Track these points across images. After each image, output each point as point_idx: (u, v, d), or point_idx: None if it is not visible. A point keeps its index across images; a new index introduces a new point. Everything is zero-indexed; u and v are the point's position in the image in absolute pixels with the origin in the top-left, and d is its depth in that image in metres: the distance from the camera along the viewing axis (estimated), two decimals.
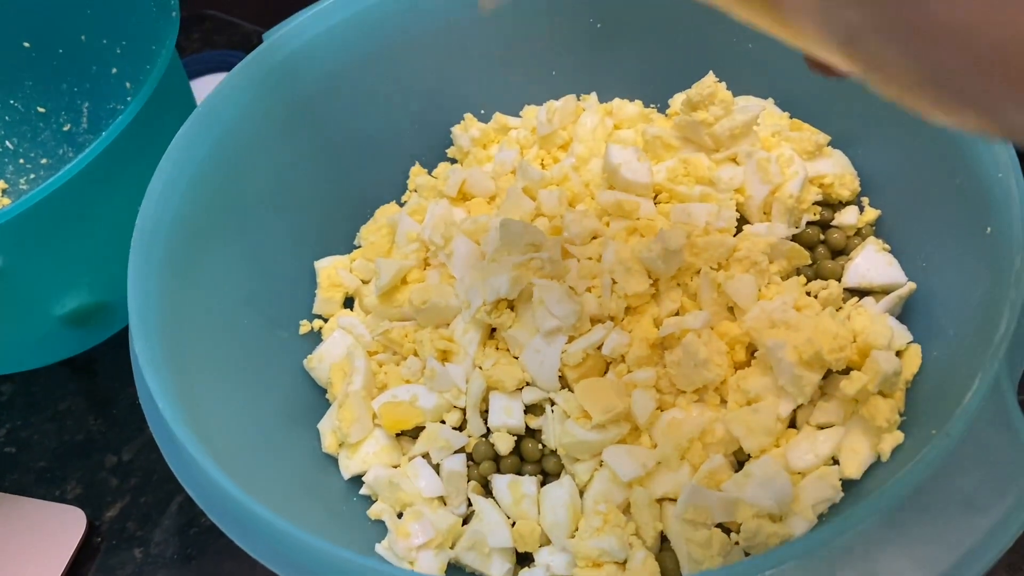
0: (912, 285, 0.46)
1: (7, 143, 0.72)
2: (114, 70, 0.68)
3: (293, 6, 0.54)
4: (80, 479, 0.58)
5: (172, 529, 0.55)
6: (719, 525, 0.41)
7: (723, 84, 0.50)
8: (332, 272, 0.54)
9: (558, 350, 0.45)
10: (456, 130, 0.58)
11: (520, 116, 0.58)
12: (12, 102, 0.71)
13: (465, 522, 0.46)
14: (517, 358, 0.47)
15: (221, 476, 0.35)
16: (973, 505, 0.31)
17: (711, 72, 0.51)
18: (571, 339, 0.46)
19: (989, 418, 0.32)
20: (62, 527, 0.55)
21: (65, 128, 0.72)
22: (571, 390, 0.45)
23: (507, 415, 0.46)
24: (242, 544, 0.34)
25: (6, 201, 0.72)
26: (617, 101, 0.57)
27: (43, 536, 0.55)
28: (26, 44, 0.68)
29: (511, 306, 0.48)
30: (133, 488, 0.58)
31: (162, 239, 0.44)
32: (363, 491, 0.47)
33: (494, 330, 0.49)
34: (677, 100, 0.54)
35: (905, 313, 0.46)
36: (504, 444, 0.46)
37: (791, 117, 0.53)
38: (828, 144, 0.51)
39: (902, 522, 0.31)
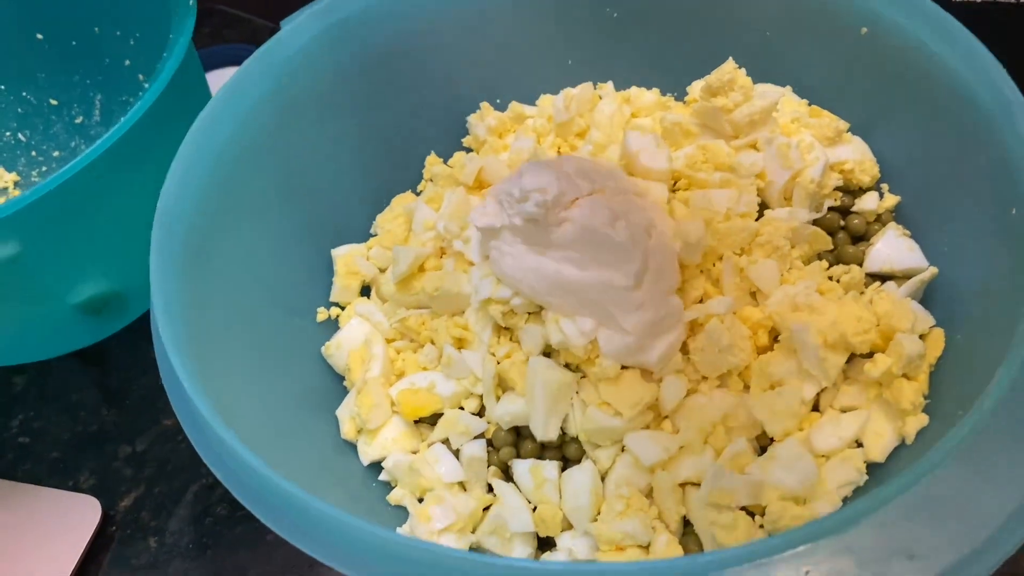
0: (934, 270, 0.45)
1: (19, 135, 0.72)
2: (127, 62, 0.68)
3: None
4: (94, 469, 0.58)
5: (187, 519, 0.55)
6: (743, 508, 0.41)
7: (743, 71, 0.50)
8: (349, 260, 0.54)
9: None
10: (472, 119, 0.58)
11: (536, 105, 0.58)
12: (25, 94, 0.71)
13: (486, 508, 0.45)
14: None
15: (249, 455, 0.35)
16: (1004, 483, 0.31)
17: (731, 58, 0.51)
18: None
19: (1019, 396, 0.32)
20: (77, 516, 0.55)
21: (77, 120, 0.72)
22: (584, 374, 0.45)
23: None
24: (269, 523, 0.34)
25: (18, 193, 0.72)
26: (634, 89, 0.57)
27: (58, 525, 0.55)
28: (39, 36, 0.68)
29: None
30: (147, 478, 0.57)
31: (182, 225, 0.44)
32: (382, 477, 0.47)
33: None
34: (695, 87, 0.54)
35: (927, 297, 0.46)
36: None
37: (809, 104, 0.53)
38: (847, 131, 0.51)
39: (934, 499, 0.30)
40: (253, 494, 0.35)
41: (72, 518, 0.55)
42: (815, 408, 0.44)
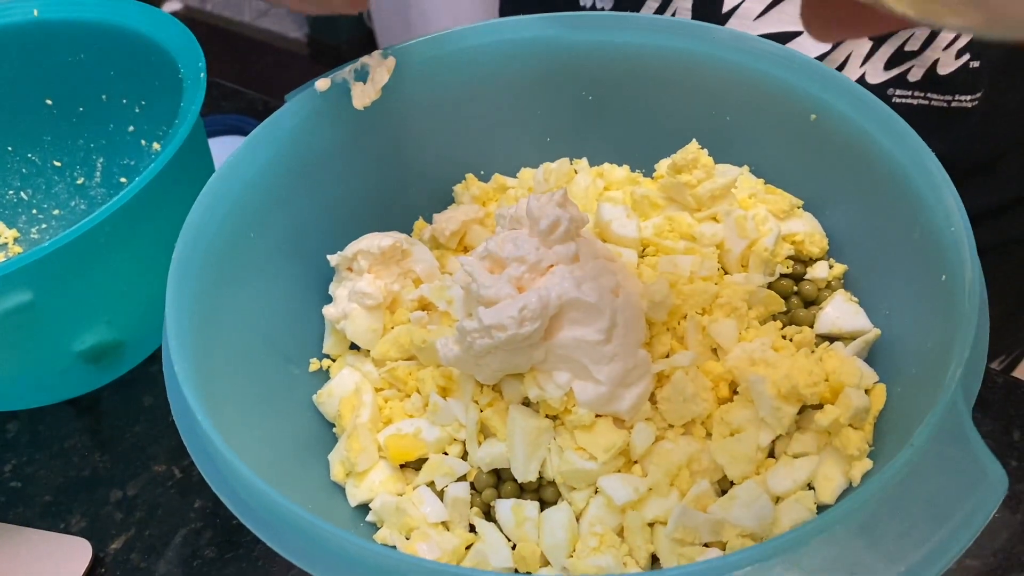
0: (877, 331, 0.50)
1: (22, 194, 0.75)
2: (131, 128, 0.72)
3: (295, 78, 0.59)
4: (85, 512, 0.60)
5: (176, 561, 0.57)
6: (706, 544, 0.45)
7: (705, 151, 0.56)
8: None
9: None
10: (458, 188, 0.63)
11: (517, 177, 0.63)
12: (30, 155, 0.75)
13: (468, 546, 0.48)
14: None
15: (263, 485, 0.38)
16: (937, 509, 0.35)
17: (694, 140, 0.56)
18: None
19: (948, 434, 0.36)
20: (67, 558, 0.57)
21: (79, 181, 0.76)
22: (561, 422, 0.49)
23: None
24: (278, 547, 0.37)
25: (18, 249, 0.75)
26: (607, 165, 0.62)
27: (48, 566, 0.57)
28: (48, 102, 0.72)
29: None
30: (138, 521, 0.60)
31: (193, 280, 0.48)
32: (369, 517, 0.50)
33: None
34: (662, 165, 0.60)
35: (871, 356, 0.51)
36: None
37: (765, 183, 0.59)
38: (800, 207, 0.57)
39: (873, 523, 0.35)
40: (266, 524, 0.38)
41: (62, 559, 0.57)
42: (771, 454, 0.48)
